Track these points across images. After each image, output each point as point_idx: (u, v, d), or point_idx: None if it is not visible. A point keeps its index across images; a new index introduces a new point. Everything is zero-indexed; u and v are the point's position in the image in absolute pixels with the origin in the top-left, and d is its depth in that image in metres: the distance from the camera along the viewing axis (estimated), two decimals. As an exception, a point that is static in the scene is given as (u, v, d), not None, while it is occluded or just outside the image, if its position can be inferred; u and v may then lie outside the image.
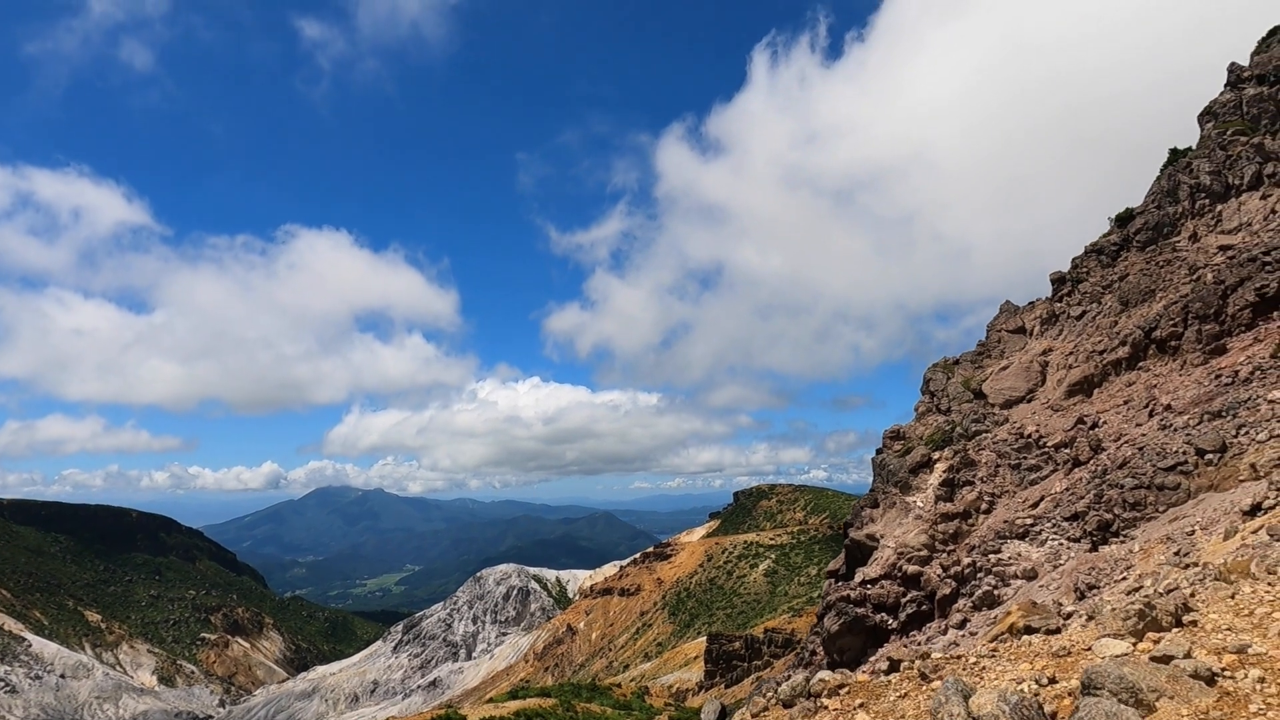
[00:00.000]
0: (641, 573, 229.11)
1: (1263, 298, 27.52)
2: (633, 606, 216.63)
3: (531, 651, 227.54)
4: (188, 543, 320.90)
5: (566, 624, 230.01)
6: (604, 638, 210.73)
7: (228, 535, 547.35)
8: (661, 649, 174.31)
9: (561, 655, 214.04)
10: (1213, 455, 21.81)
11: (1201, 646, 6.01)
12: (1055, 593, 20.53)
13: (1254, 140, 36.24)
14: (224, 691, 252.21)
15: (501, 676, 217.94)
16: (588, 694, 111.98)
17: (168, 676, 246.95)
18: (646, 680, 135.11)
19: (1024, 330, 37.10)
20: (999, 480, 28.12)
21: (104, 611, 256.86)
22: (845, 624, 25.97)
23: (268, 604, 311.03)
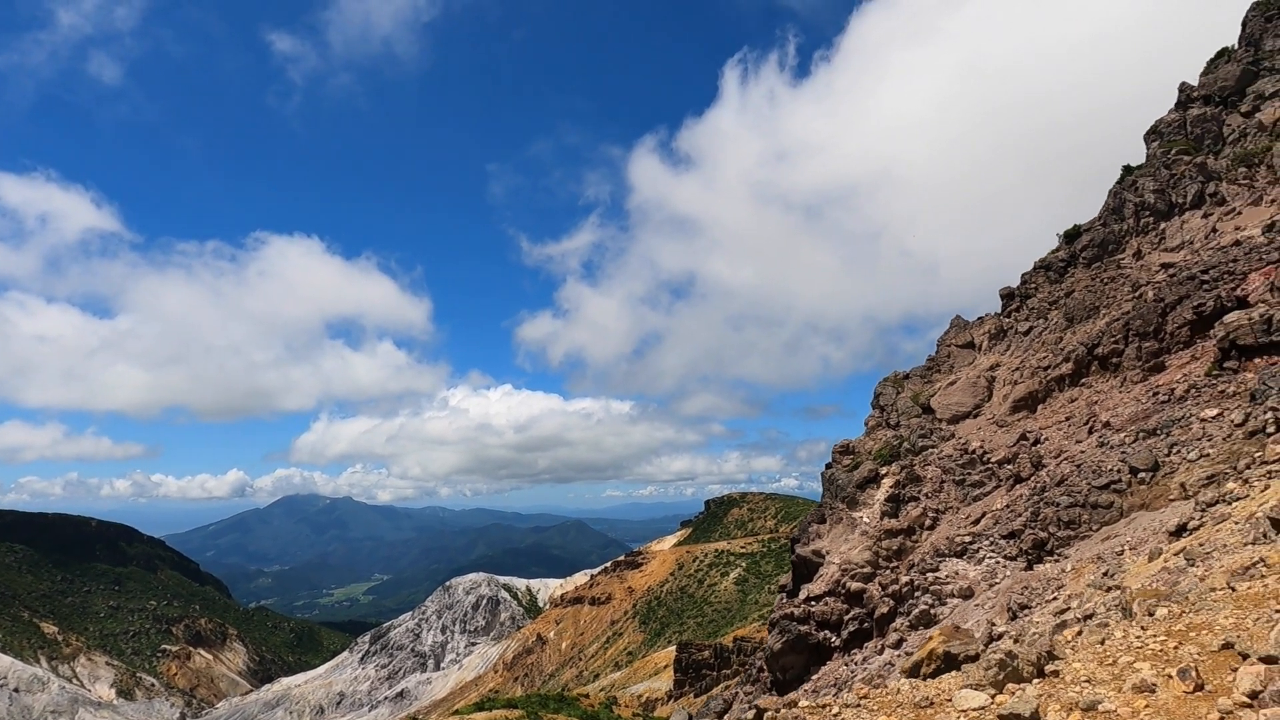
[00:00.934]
0: (612, 581, 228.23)
1: (1200, 316, 27.87)
2: (603, 615, 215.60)
3: (501, 661, 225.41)
4: (149, 552, 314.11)
5: (536, 633, 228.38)
6: (574, 647, 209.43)
7: (191, 545, 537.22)
8: (632, 658, 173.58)
9: (531, 665, 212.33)
10: (1145, 474, 21.96)
11: (1055, 701, 5.84)
12: (990, 612, 20.51)
13: (1197, 159, 36.87)
14: (185, 704, 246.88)
15: (470, 687, 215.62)
16: (555, 704, 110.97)
17: (127, 689, 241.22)
18: (616, 690, 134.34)
19: (973, 345, 37.35)
20: (944, 496, 28.17)
21: (61, 623, 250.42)
22: (788, 642, 25.82)
23: (231, 614, 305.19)
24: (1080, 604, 17.24)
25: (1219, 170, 36.47)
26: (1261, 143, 36.61)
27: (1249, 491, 17.98)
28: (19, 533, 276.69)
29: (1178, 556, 15.53)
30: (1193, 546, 16.27)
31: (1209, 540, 15.73)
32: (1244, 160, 36.15)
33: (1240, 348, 24.89)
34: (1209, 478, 20.14)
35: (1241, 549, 14.15)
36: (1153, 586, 14.36)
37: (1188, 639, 6.76)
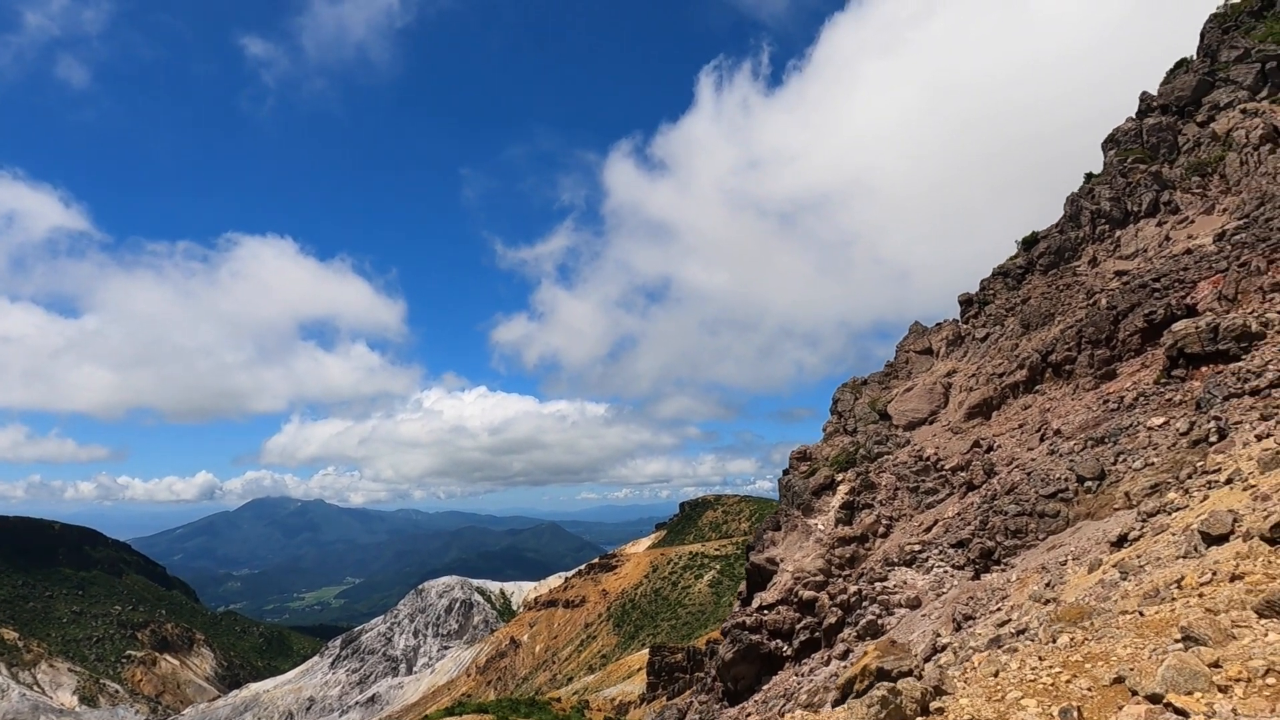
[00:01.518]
0: (586, 584, 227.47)
1: (1151, 324, 27.99)
2: (577, 618, 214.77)
3: (474, 665, 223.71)
4: (114, 556, 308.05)
5: (510, 636, 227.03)
6: (548, 650, 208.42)
7: (158, 548, 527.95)
8: (606, 661, 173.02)
9: (504, 668, 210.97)
10: (1092, 483, 21.93)
11: (934, 742, 5.59)
12: (936, 623, 20.34)
13: (1152, 168, 37.17)
14: (150, 711, 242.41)
15: (443, 691, 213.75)
16: (526, 709, 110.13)
17: (90, 696, 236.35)
18: (590, 693, 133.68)
19: (931, 352, 37.35)
20: (898, 503, 28.05)
21: (22, 629, 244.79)
22: (739, 652, 25.53)
23: (199, 619, 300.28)
24: (1019, 616, 17.10)
25: (1173, 179, 36.81)
26: (1215, 152, 37.02)
27: (1189, 502, 17.93)
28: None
29: (1114, 569, 15.41)
30: (1130, 559, 16.17)
31: (1145, 552, 15.63)
32: (1197, 169, 36.51)
33: (1188, 356, 24.99)
34: (1152, 487, 20.12)
35: (1172, 563, 14.04)
36: (1083, 602, 14.21)
37: (1083, 671, 6.50)
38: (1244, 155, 35.16)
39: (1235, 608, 7.17)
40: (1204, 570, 8.89)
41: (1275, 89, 42.32)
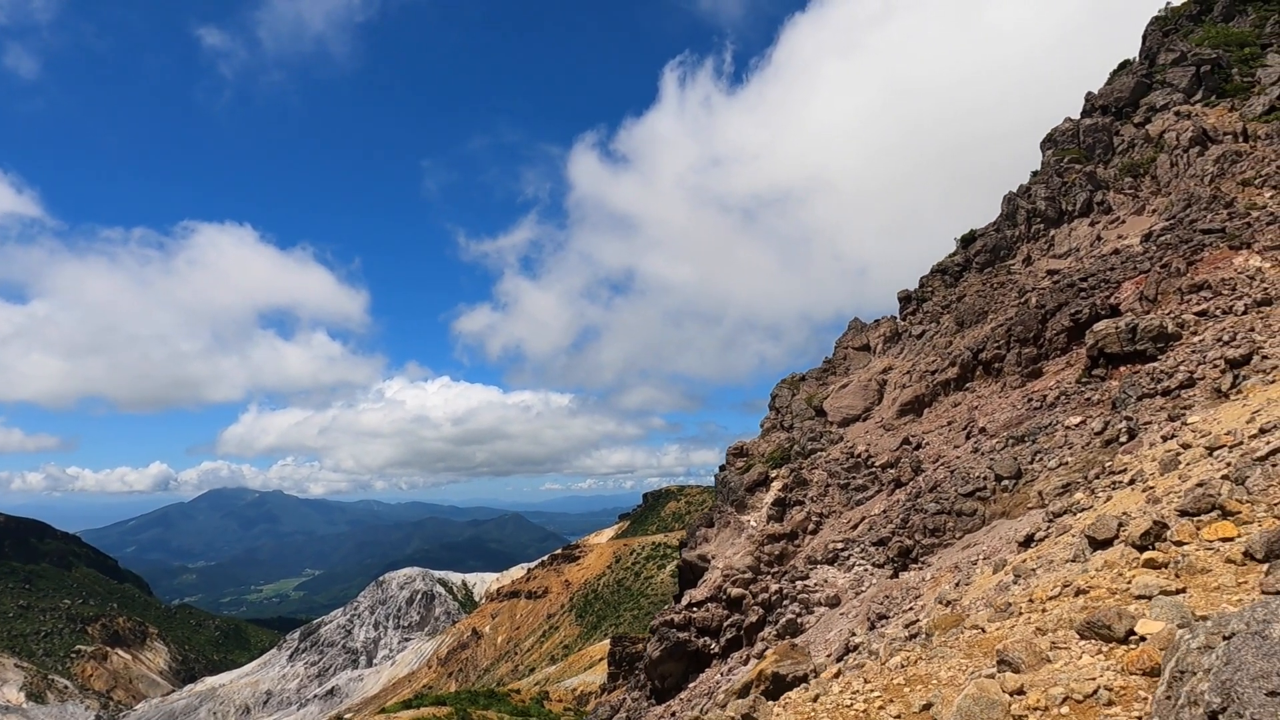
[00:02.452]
0: (549, 575, 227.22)
1: (1077, 323, 28.38)
2: (540, 609, 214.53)
3: (435, 657, 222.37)
4: (63, 549, 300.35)
5: (472, 628, 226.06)
6: (510, 641, 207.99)
7: (109, 540, 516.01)
8: (568, 651, 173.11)
9: (466, 660, 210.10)
10: (1009, 481, 22.17)
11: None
12: (853, 621, 20.43)
13: (1087, 168, 37.69)
14: (101, 707, 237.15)
15: (403, 683, 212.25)
16: (485, 701, 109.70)
17: (38, 693, 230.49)
18: (551, 684, 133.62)
19: (869, 348, 37.60)
20: (828, 500, 28.18)
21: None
22: (666, 649, 25.48)
23: (152, 613, 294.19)
24: (923, 618, 17.20)
25: (1107, 179, 37.37)
26: (1147, 153, 37.68)
27: (1094, 503, 18.14)
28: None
29: (1011, 572, 15.53)
30: (1030, 561, 16.31)
31: (1044, 555, 15.77)
32: (1130, 170, 37.12)
33: (1108, 356, 25.37)
34: (1064, 487, 20.36)
35: (1062, 566, 14.17)
36: (963, 608, 14.32)
37: (900, 696, 6.40)
38: (1174, 157, 35.83)
39: (1064, 626, 7.13)
40: (1056, 583, 8.90)
41: (1209, 92, 43.21)
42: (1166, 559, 8.71)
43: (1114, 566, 9.35)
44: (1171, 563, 8.54)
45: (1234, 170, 33.51)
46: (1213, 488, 12.69)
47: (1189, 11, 53.76)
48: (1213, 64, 43.65)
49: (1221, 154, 34.28)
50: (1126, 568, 8.97)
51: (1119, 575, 8.74)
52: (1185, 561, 8.38)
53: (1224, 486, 12.24)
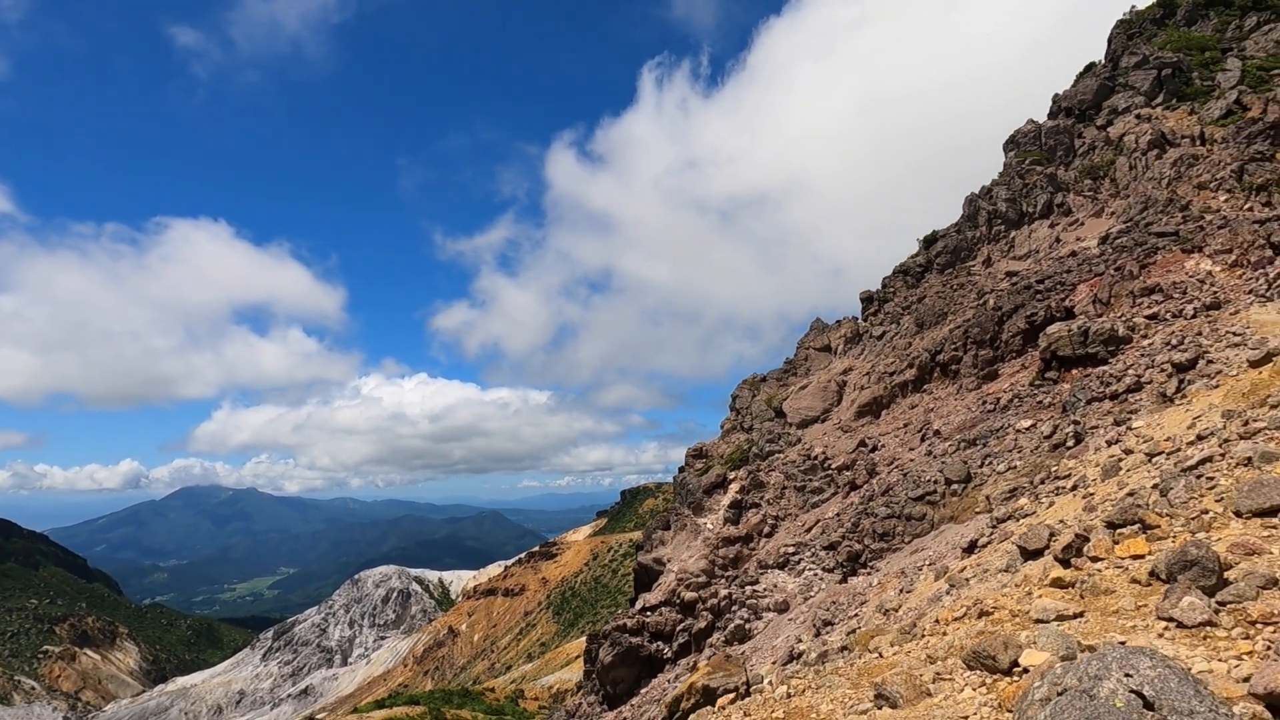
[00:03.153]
0: (526, 572, 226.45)
1: (1032, 325, 28.35)
2: (517, 607, 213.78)
3: (411, 655, 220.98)
4: (30, 548, 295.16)
5: (448, 626, 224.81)
6: (487, 639, 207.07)
7: (78, 539, 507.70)
8: (545, 649, 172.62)
9: (442, 658, 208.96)
10: (958, 485, 22.04)
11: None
12: (800, 627, 20.20)
13: (1048, 170, 37.75)
14: (69, 708, 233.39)
15: (379, 682, 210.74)
16: (459, 700, 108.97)
17: (4, 694, 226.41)
18: (527, 681, 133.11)
19: (830, 349, 37.45)
20: (784, 503, 27.97)
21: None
22: (618, 655, 25.15)
23: (122, 612, 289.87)
24: (862, 626, 16.99)
25: (1068, 181, 37.46)
26: (1107, 156, 37.81)
27: (1036, 508, 18.04)
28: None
29: (946, 581, 15.34)
30: (967, 569, 16.15)
31: (983, 563, 15.60)
32: (1091, 172, 37.24)
33: (1060, 358, 25.35)
34: (1011, 491, 20.26)
35: (996, 576, 13.99)
36: (865, 634, 14.14)
37: (775, 729, 6.09)
38: (1133, 160, 35.97)
39: (954, 654, 6.87)
40: (966, 602, 8.66)
41: (1170, 95, 43.50)
42: (1075, 577, 8.48)
43: (1026, 584, 9.13)
44: (1078, 582, 8.32)
45: (1191, 173, 33.69)
46: (1141, 498, 12.55)
47: (1153, 15, 54.14)
48: (1174, 67, 43.94)
49: (1179, 157, 34.47)
50: (1036, 586, 8.74)
51: (1027, 595, 8.51)
52: (1091, 581, 8.15)
53: (1151, 497, 12.08)
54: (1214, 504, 10.14)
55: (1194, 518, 9.81)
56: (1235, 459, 12.04)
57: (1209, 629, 6.35)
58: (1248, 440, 12.98)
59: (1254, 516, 9.28)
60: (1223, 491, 10.50)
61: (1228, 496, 9.99)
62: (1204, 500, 10.40)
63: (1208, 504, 10.17)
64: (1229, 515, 9.55)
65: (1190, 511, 10.07)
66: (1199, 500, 10.51)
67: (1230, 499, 9.78)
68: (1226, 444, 13.33)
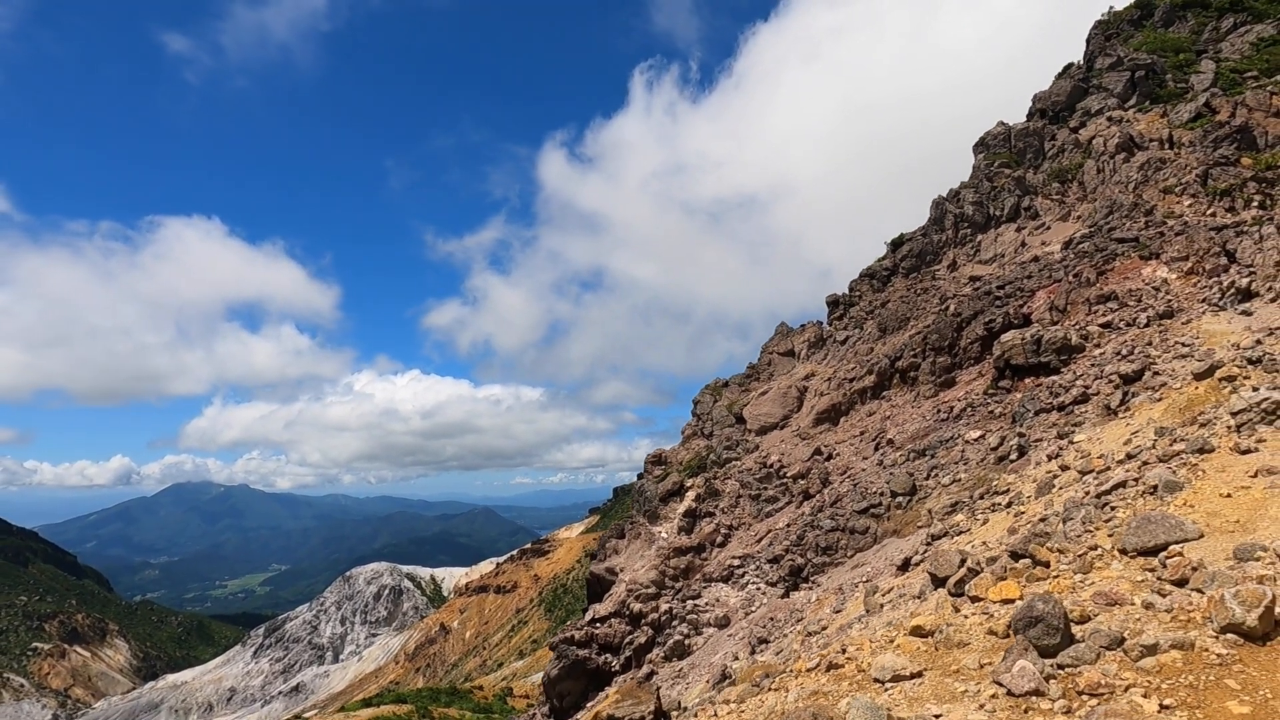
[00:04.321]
0: (518, 569, 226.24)
1: (990, 332, 27.97)
2: (509, 604, 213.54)
3: (403, 652, 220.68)
4: (18, 545, 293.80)
5: (440, 623, 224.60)
6: (478, 636, 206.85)
7: (68, 536, 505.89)
8: (537, 646, 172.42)
9: (434, 655, 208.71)
10: (903, 498, 21.65)
11: None
12: (739, 644, 19.80)
13: (1017, 173, 37.33)
14: (59, 705, 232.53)
15: (370, 679, 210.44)
16: (446, 698, 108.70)
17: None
18: (519, 679, 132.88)
19: (794, 353, 37.01)
20: (739, 512, 27.57)
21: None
22: (565, 667, 24.74)
23: (113, 609, 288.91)
24: (787, 646, 16.60)
25: (1036, 184, 37.04)
26: (1076, 159, 37.39)
27: (971, 525, 17.64)
28: None
29: (866, 605, 14.95)
30: (892, 591, 15.76)
31: (905, 586, 15.19)
32: (1059, 176, 36.82)
33: (1014, 367, 24.96)
34: (952, 506, 19.88)
35: (910, 602, 13.58)
36: (749, 670, 13.76)
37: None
38: (1101, 163, 35.56)
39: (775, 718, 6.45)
40: (827, 648, 8.24)
41: (1144, 98, 43.09)
42: (936, 624, 8.07)
43: (892, 628, 8.72)
44: (938, 630, 7.89)
45: (1157, 177, 33.31)
46: (1050, 525, 12.13)
47: (1130, 16, 53.72)
48: (1147, 69, 43.52)
49: (1146, 160, 34.08)
50: (899, 631, 8.33)
51: (884, 643, 8.09)
52: (948, 632, 7.74)
53: (1056, 526, 11.69)
54: (1105, 539, 9.73)
55: (1081, 554, 9.41)
56: (1143, 486, 11.65)
57: (1034, 699, 5.94)
58: (1164, 464, 12.58)
59: (1138, 555, 8.88)
60: (1117, 525, 10.10)
61: (1118, 532, 9.58)
62: (1097, 535, 10.00)
63: (1099, 539, 9.77)
64: (1114, 553, 9.14)
65: (1080, 547, 9.67)
66: (1093, 534, 10.11)
67: (1120, 535, 9.38)
68: (1144, 468, 12.94)
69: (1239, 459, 11.56)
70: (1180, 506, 10.17)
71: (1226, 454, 11.95)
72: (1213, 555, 8.25)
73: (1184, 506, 10.14)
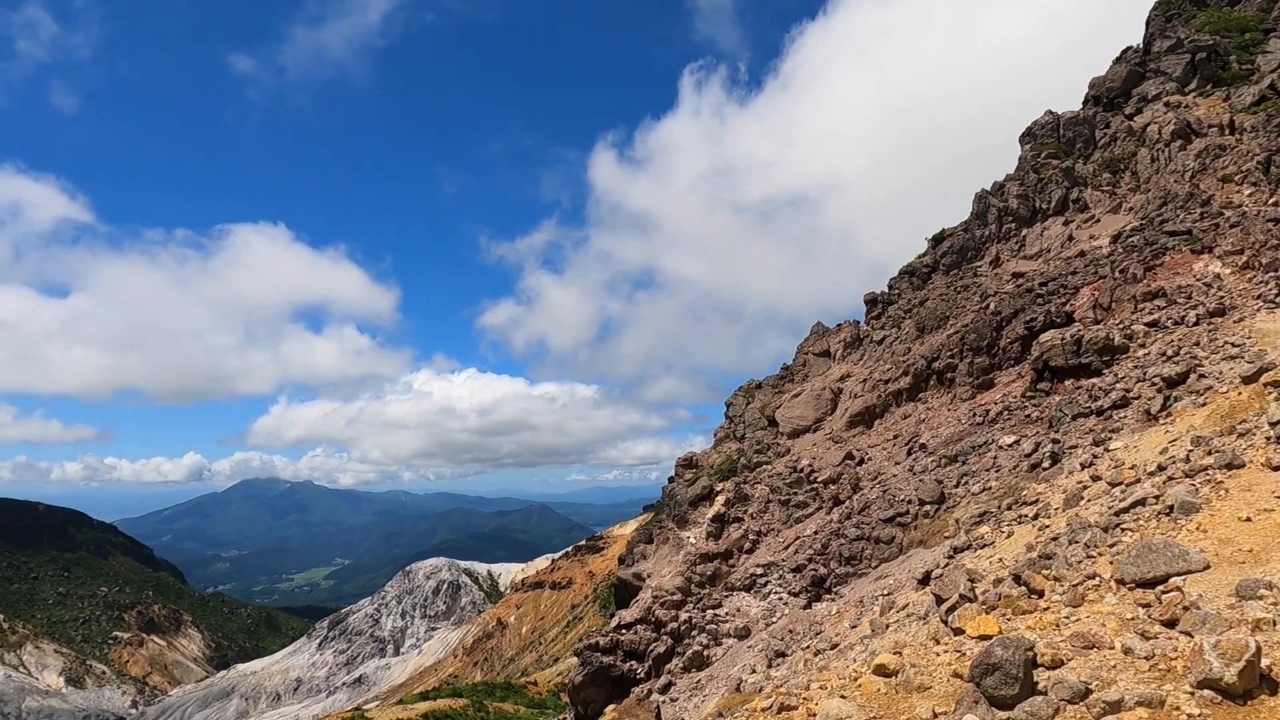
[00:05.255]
0: (573, 566, 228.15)
1: (1031, 331, 26.80)
2: (564, 600, 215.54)
3: (461, 646, 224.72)
4: (100, 538, 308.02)
5: (497, 618, 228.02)
6: (534, 631, 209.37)
7: (145, 529, 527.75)
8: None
9: (491, 650, 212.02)
10: (930, 506, 20.85)
11: None
12: (756, 656, 19.36)
13: (1065, 164, 35.73)
14: (137, 692, 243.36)
15: (430, 672, 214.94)
16: (501, 693, 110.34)
17: (76, 678, 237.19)
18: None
19: (829, 354, 36.12)
20: (768, 517, 27.00)
21: (7, 611, 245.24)
22: (589, 674, 24.57)
23: (186, 600, 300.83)
24: (795, 662, 16.09)
25: (1086, 175, 35.41)
26: (1129, 147, 35.60)
27: (996, 538, 16.84)
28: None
29: (872, 625, 14.36)
30: (907, 608, 15.12)
31: (913, 606, 14.55)
32: (1110, 165, 35.11)
33: (1053, 369, 23.86)
34: (980, 516, 19.06)
35: (914, 624, 12.97)
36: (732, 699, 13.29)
37: None
38: (1155, 151, 33.78)
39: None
40: (784, 687, 7.84)
41: (1205, 81, 40.83)
42: (899, 665, 7.54)
43: (862, 662, 8.21)
44: (901, 671, 7.38)
45: (1215, 165, 31.47)
46: (1058, 545, 11.42)
47: (1194, -6, 50.94)
48: (1209, 51, 41.20)
49: (1204, 148, 32.23)
50: (866, 668, 7.82)
51: (847, 681, 7.64)
52: (910, 674, 7.22)
53: (1063, 546, 10.97)
54: (1106, 566, 9.03)
55: (1078, 583, 8.75)
56: (1161, 505, 10.84)
57: (973, 759, 5.45)
58: (1189, 480, 11.72)
59: (1136, 587, 8.21)
60: (1120, 550, 9.36)
61: (1119, 560, 8.87)
62: (1098, 561, 9.29)
63: (1100, 566, 9.07)
64: (1111, 584, 8.47)
65: (1078, 575, 9.00)
66: (1095, 560, 9.41)
67: (1120, 563, 8.68)
68: (1168, 483, 12.08)
69: (1269, 476, 10.67)
70: (1193, 531, 9.39)
71: (1257, 470, 11.05)
72: (1214, 591, 7.55)
73: (1196, 531, 9.37)
